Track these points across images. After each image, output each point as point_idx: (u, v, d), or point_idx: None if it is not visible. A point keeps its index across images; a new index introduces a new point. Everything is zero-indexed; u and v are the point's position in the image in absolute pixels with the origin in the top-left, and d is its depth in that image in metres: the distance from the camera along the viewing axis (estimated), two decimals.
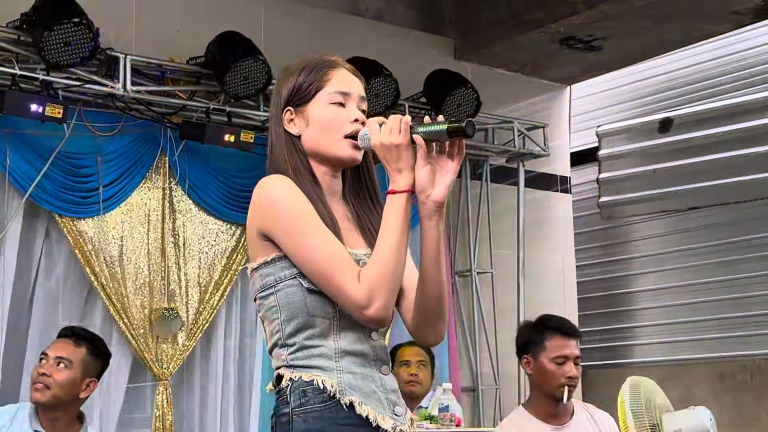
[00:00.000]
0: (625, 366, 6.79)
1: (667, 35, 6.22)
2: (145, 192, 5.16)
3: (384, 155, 1.96)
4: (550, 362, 3.56)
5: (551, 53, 6.42)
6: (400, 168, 1.95)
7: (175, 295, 5.13)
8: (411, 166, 1.96)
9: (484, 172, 6.51)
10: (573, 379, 3.54)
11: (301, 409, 1.94)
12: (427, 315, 2.05)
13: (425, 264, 2.00)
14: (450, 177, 1.97)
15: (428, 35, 6.41)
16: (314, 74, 2.08)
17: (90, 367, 3.67)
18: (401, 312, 2.10)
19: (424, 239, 2.00)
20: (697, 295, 6.72)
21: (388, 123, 1.97)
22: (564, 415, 3.60)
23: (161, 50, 5.10)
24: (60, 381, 3.59)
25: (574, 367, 3.56)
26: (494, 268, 6.48)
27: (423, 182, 1.96)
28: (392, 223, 1.94)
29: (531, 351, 3.62)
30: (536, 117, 6.65)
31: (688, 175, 6.42)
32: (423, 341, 2.14)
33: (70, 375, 3.62)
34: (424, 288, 2.02)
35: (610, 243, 7.29)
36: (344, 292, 1.91)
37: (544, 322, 3.68)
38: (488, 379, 6.37)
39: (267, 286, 2.00)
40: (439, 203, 1.97)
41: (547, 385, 3.57)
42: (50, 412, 3.63)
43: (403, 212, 1.94)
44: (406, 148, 1.95)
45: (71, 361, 3.63)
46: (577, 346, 3.61)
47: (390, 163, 1.96)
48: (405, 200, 1.95)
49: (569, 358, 3.56)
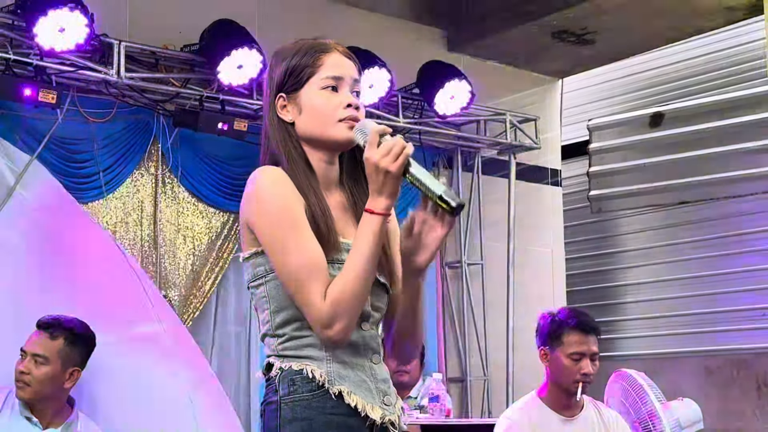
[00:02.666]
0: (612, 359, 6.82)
1: (659, 30, 6.25)
2: (137, 179, 5.17)
3: (371, 173, 1.91)
4: (567, 357, 3.58)
5: (544, 46, 6.44)
6: (381, 192, 1.91)
7: (167, 283, 5.14)
8: (393, 194, 1.91)
9: (475, 163, 6.53)
10: (588, 376, 3.57)
11: (289, 397, 1.94)
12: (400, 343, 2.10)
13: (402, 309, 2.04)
14: (436, 243, 1.95)
15: (422, 26, 6.42)
16: (306, 59, 2.04)
17: (69, 357, 3.63)
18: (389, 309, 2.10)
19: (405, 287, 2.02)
20: (685, 289, 6.76)
21: (388, 143, 1.90)
22: (574, 408, 3.63)
23: (155, 37, 5.09)
24: (39, 377, 3.58)
25: (591, 364, 3.58)
26: (484, 259, 6.50)
27: (407, 251, 1.96)
28: (363, 245, 1.91)
29: (548, 344, 3.64)
30: (528, 110, 6.67)
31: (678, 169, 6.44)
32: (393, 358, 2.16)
33: (48, 371, 3.59)
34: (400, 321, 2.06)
35: (600, 236, 7.32)
36: (308, 307, 1.90)
37: (564, 317, 3.69)
38: (477, 370, 6.40)
39: (258, 275, 2.00)
40: (422, 269, 1.98)
41: (561, 379, 3.59)
42: (37, 403, 3.64)
43: (377, 235, 1.91)
44: (394, 178, 1.89)
45: (47, 357, 3.59)
46: (595, 343, 3.62)
47: (374, 183, 1.91)
48: (380, 223, 1.91)
49: (586, 354, 3.58)
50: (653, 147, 6.59)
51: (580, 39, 6.34)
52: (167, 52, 5.10)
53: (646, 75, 7.10)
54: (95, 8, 4.63)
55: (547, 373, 3.66)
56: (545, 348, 3.65)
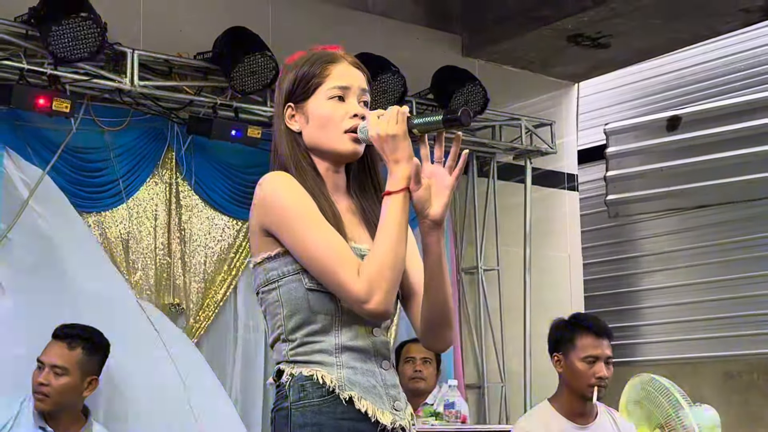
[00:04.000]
0: (631, 364, 6.77)
1: (675, 33, 6.20)
2: (151, 187, 5.17)
3: (381, 146, 1.96)
4: (581, 361, 3.56)
5: (559, 50, 6.41)
6: (398, 159, 1.95)
7: (180, 291, 5.14)
8: (408, 157, 1.95)
9: (491, 169, 6.50)
10: (603, 380, 3.55)
11: (299, 403, 1.94)
12: (432, 324, 2.06)
13: (428, 277, 2.01)
14: (447, 194, 1.97)
15: (436, 31, 6.40)
16: (314, 69, 2.07)
17: (88, 366, 3.61)
18: (410, 314, 2.11)
19: (427, 254, 2.00)
20: (703, 293, 6.70)
21: (386, 114, 1.96)
22: (588, 416, 3.61)
23: (169, 45, 5.10)
24: (59, 389, 3.56)
25: (605, 367, 3.56)
26: (501, 265, 6.47)
27: (419, 203, 1.97)
28: (390, 219, 1.94)
29: (562, 349, 3.63)
30: (544, 114, 6.64)
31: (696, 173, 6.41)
32: (431, 348, 2.16)
33: (69, 381, 3.57)
34: (428, 299, 2.03)
35: (617, 241, 7.27)
36: (344, 287, 1.91)
37: (576, 321, 3.68)
38: (494, 376, 6.37)
39: (270, 280, 2.00)
40: (438, 221, 1.98)
41: (576, 384, 3.57)
42: (54, 413, 3.62)
43: (401, 209, 1.94)
44: (403, 139, 1.94)
45: (67, 368, 3.57)
46: (608, 346, 3.61)
47: (387, 153, 1.95)
48: (402, 198, 1.94)
49: (600, 358, 3.56)
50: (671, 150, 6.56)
51: (596, 43, 6.30)
52: (180, 60, 5.10)
53: (663, 78, 7.05)
54: (108, 17, 4.64)
55: (562, 380, 3.64)
56: (558, 354, 3.64)
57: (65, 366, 3.58)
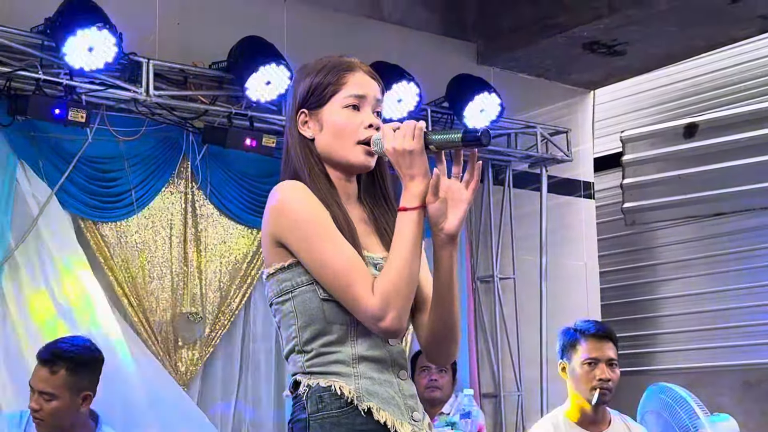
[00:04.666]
0: (648, 373, 6.73)
1: (691, 40, 6.17)
2: (167, 196, 5.17)
3: (397, 161, 1.94)
4: (582, 365, 3.54)
5: (575, 58, 6.39)
6: (413, 174, 1.93)
7: (195, 300, 5.14)
8: (424, 173, 1.93)
9: (506, 177, 6.48)
10: (605, 382, 3.51)
11: (318, 415, 1.92)
12: (438, 337, 2.04)
13: (438, 291, 2.00)
14: (464, 208, 1.95)
15: (451, 40, 6.39)
16: (330, 77, 2.05)
17: (76, 385, 3.54)
18: (416, 326, 2.08)
19: (438, 268, 1.98)
20: (721, 301, 6.66)
21: (402, 128, 1.94)
22: (601, 423, 3.57)
23: (184, 55, 5.10)
24: (50, 412, 3.52)
25: (607, 370, 3.53)
26: (516, 273, 6.44)
27: (435, 216, 1.95)
28: (404, 236, 1.92)
29: (566, 356, 3.61)
30: (559, 122, 6.61)
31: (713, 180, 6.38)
32: (433, 360, 2.16)
33: (58, 405, 3.52)
34: (436, 312, 2.01)
35: (634, 249, 7.23)
36: (358, 303, 1.90)
37: (577, 326, 3.67)
38: (510, 385, 6.34)
39: (284, 291, 1.99)
40: (452, 235, 1.96)
41: (580, 390, 3.55)
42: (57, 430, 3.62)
43: (415, 226, 1.93)
44: (419, 155, 1.92)
45: (53, 393, 3.53)
46: (611, 349, 3.57)
47: (403, 168, 1.94)
48: (416, 215, 1.93)
49: (601, 360, 3.53)
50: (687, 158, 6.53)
51: (611, 50, 6.28)
52: (196, 69, 5.11)
53: (679, 85, 7.02)
54: (123, 27, 4.65)
55: (569, 388, 3.62)
56: (563, 361, 3.62)
57: (51, 391, 3.53)
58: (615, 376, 3.54)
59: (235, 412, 5.25)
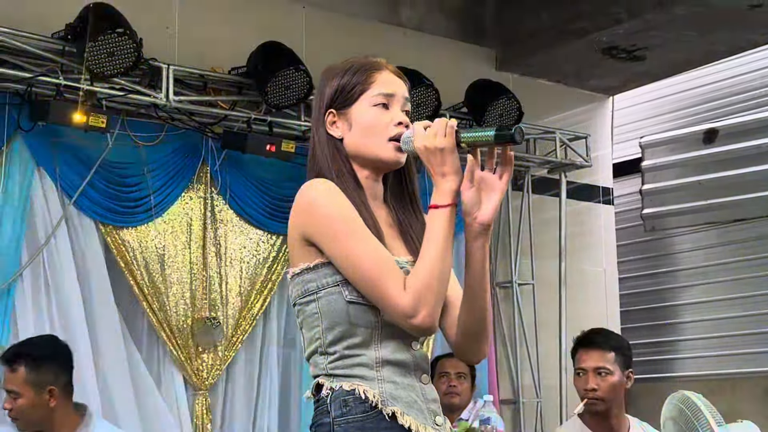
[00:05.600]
0: (668, 380, 6.69)
1: (711, 45, 6.14)
2: (186, 202, 5.18)
3: (428, 158, 1.93)
4: (575, 376, 3.59)
5: (594, 63, 6.37)
6: (445, 172, 1.92)
7: (216, 305, 5.14)
8: (456, 171, 1.92)
9: (525, 183, 6.46)
10: (591, 392, 3.51)
11: (342, 419, 1.91)
12: (469, 334, 2.02)
13: (470, 284, 1.98)
14: (497, 197, 1.95)
15: (470, 45, 6.38)
16: (358, 76, 2.05)
17: (38, 381, 3.59)
18: (444, 327, 2.07)
19: (470, 260, 1.97)
20: (742, 308, 6.61)
21: (433, 126, 1.93)
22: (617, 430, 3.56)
23: (203, 60, 5.12)
24: (19, 410, 3.60)
25: (593, 379, 3.52)
26: (535, 279, 6.42)
27: (469, 204, 1.94)
28: (437, 233, 1.91)
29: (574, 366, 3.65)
30: (578, 127, 6.59)
31: (733, 186, 6.34)
32: (466, 359, 2.12)
33: (23, 402, 3.59)
34: (467, 308, 1.99)
35: (654, 255, 7.20)
36: (390, 301, 1.88)
37: (577, 337, 3.72)
38: (529, 391, 6.31)
39: (309, 292, 1.98)
40: (486, 225, 1.95)
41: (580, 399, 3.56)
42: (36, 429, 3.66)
43: (447, 222, 1.92)
44: (450, 152, 1.91)
45: (17, 391, 3.59)
46: (597, 358, 3.56)
47: (434, 166, 1.92)
48: (448, 213, 1.92)
49: (587, 370, 3.55)
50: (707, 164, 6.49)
51: (631, 55, 6.26)
52: (215, 74, 5.12)
53: (699, 91, 6.98)
54: (143, 33, 4.67)
55: None
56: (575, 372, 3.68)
57: (14, 389, 3.59)
58: (605, 384, 3.52)
59: (256, 416, 5.26)
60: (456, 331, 2.04)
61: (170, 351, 4.98)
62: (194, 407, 5.03)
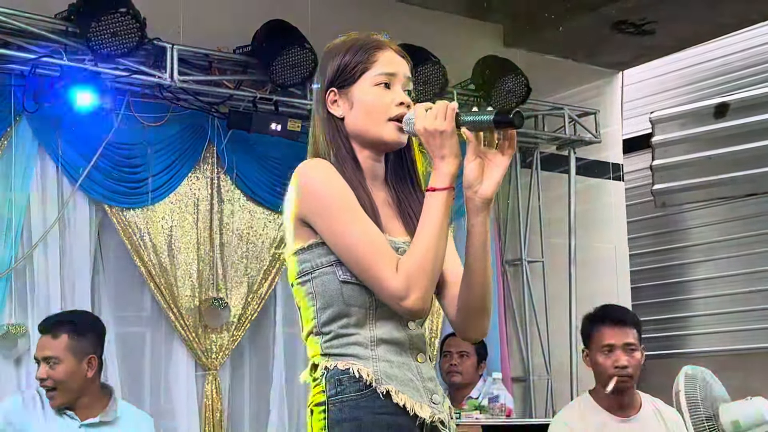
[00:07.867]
0: (680, 356, 6.67)
1: (721, 18, 6.08)
2: (193, 182, 5.17)
3: (428, 141, 1.92)
4: (599, 352, 3.52)
5: (603, 38, 6.31)
6: (444, 155, 1.90)
7: (223, 285, 5.14)
8: (455, 154, 1.91)
9: (534, 160, 6.43)
10: (624, 369, 3.46)
11: (337, 398, 1.91)
12: (470, 311, 2.01)
13: (470, 260, 1.96)
14: (499, 172, 1.92)
15: (477, 21, 6.33)
16: (360, 55, 2.03)
17: (80, 348, 3.62)
18: (444, 304, 2.06)
19: (471, 235, 1.95)
20: (754, 283, 6.58)
21: (434, 108, 1.92)
22: (630, 408, 3.53)
23: (208, 40, 5.09)
24: (58, 378, 3.59)
25: (624, 355, 3.48)
26: (545, 257, 6.40)
27: (471, 177, 1.92)
28: (432, 216, 1.90)
29: (587, 344, 3.59)
30: (587, 103, 6.54)
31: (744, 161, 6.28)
32: (465, 336, 2.10)
33: (64, 368, 3.59)
34: (468, 284, 1.98)
35: (665, 231, 7.16)
36: (381, 282, 1.88)
37: (595, 313, 3.65)
38: (539, 369, 6.30)
39: (303, 272, 1.97)
40: (487, 199, 1.93)
41: (600, 377, 3.52)
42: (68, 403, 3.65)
43: (444, 206, 1.91)
44: (450, 135, 1.90)
45: (58, 357, 3.60)
46: (627, 334, 3.52)
47: (433, 149, 1.91)
48: (445, 196, 1.91)
49: (616, 346, 3.50)
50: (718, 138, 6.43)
51: (640, 29, 6.19)
52: (220, 54, 5.09)
53: (710, 65, 6.92)
54: (147, 12, 4.65)
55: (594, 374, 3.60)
56: (586, 350, 3.60)
57: (55, 355, 3.60)
58: (634, 361, 3.49)
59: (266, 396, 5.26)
60: (456, 309, 2.02)
61: (178, 331, 4.98)
62: (204, 387, 5.03)
